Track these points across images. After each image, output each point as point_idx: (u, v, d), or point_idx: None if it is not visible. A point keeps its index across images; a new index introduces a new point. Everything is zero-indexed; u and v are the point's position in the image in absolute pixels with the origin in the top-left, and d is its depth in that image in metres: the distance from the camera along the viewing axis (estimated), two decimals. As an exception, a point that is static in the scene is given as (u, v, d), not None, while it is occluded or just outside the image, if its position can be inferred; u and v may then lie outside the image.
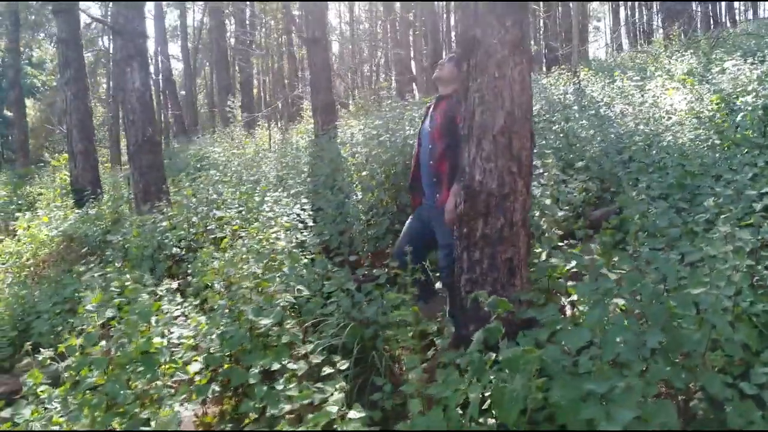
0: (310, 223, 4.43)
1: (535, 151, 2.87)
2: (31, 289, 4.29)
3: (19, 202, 7.62)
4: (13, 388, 3.14)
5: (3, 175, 9.21)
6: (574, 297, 2.69)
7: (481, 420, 1.83)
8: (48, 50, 29.17)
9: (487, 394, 1.84)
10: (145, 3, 5.38)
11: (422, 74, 17.24)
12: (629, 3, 28.77)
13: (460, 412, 1.86)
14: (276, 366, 2.39)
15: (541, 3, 16.05)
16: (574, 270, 2.53)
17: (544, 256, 2.61)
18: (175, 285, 3.31)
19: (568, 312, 2.69)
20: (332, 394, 1.83)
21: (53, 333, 3.41)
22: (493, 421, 1.93)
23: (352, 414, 1.74)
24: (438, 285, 3.37)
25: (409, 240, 3.08)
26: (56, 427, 2.25)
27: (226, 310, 2.56)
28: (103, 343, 2.44)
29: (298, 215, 4.38)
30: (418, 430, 1.81)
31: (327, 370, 2.05)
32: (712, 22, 18.96)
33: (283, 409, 1.94)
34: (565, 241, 3.28)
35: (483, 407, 1.82)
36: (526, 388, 1.54)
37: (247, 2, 19.24)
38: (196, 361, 2.54)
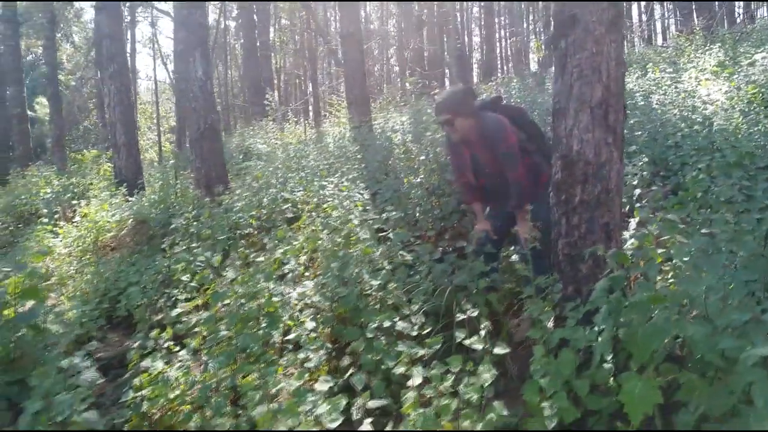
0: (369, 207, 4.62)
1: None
2: (107, 268, 4.49)
3: (74, 190, 7.87)
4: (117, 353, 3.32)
5: (44, 169, 9.45)
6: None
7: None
8: (66, 50, 29.55)
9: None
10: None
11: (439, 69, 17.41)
12: (643, 2, 28.82)
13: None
14: (387, 323, 2.57)
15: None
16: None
17: (633, 224, 2.77)
18: (262, 258, 3.50)
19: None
20: (478, 335, 1.99)
21: (147, 303, 3.60)
22: (609, 365, 2.09)
23: (497, 350, 1.90)
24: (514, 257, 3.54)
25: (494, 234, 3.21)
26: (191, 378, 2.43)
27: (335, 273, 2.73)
28: (227, 301, 2.62)
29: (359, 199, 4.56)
30: (548, 372, 1.98)
31: (460, 316, 2.21)
32: (726, 20, 19.00)
33: (413, 353, 2.11)
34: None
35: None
36: (668, 323, 1.69)
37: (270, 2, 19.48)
38: (304, 321, 2.72)
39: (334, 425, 1.83)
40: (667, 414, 1.89)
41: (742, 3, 22.32)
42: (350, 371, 2.18)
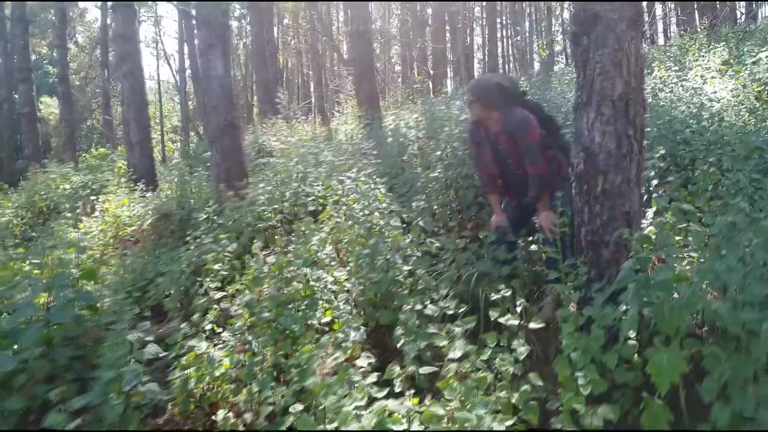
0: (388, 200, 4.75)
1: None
2: (134, 260, 4.62)
3: (92, 187, 8.03)
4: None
5: (62, 166, 9.57)
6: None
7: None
8: (70, 49, 29.70)
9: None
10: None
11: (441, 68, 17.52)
12: (645, 2, 28.91)
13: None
14: (418, 307, 2.70)
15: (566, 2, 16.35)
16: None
17: (650, 213, 2.91)
18: (291, 248, 3.63)
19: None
20: (511, 313, 2.13)
21: (177, 292, 3.72)
22: (634, 342, 2.23)
23: (532, 324, 2.04)
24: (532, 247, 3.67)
25: (511, 225, 3.34)
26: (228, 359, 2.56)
27: (366, 260, 2.86)
28: (265, 286, 2.76)
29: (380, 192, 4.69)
30: (578, 347, 2.11)
31: (493, 295, 2.34)
32: (728, 19, 19.13)
33: (451, 330, 2.24)
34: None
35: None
36: (695, 298, 1.83)
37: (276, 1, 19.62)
38: (338, 305, 2.86)
39: (381, 395, 1.96)
40: (691, 386, 2.03)
41: (743, 3, 22.43)
42: (402, 341, 2.31)
